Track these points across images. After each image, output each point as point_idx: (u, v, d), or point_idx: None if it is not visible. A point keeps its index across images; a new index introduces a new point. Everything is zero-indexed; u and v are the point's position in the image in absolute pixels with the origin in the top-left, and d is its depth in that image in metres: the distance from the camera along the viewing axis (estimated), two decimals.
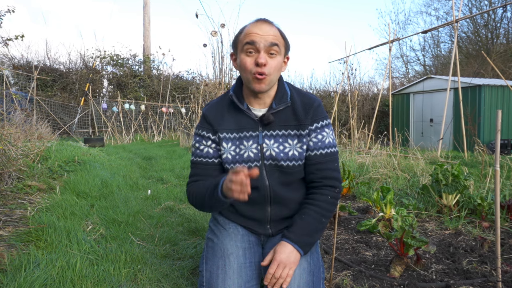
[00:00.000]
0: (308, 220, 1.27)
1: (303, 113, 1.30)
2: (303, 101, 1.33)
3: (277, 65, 1.24)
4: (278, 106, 1.30)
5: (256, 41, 1.20)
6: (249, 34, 1.21)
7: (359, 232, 2.32)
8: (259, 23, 1.23)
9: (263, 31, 1.21)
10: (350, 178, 3.26)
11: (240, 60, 1.25)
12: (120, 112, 11.02)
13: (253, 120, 1.31)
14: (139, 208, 2.76)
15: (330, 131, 1.34)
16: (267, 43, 1.20)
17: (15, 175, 3.00)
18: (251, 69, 1.22)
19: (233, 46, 1.31)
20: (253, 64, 1.22)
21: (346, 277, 1.64)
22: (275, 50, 1.22)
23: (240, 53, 1.25)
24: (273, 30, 1.23)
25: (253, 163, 1.31)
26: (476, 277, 1.64)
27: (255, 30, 1.21)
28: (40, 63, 11.84)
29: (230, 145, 1.32)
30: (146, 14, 14.41)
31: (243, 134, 1.32)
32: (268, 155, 1.30)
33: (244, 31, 1.24)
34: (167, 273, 1.70)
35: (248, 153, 1.31)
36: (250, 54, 1.22)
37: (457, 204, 2.64)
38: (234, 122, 1.33)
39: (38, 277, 1.53)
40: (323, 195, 1.30)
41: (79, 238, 1.99)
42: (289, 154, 1.30)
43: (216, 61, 7.30)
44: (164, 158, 5.85)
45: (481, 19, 15.43)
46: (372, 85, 14.40)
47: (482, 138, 8.70)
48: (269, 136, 1.31)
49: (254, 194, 1.32)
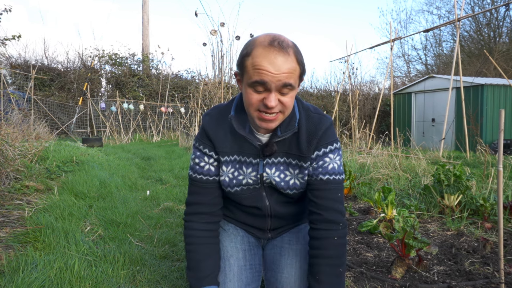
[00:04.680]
0: (324, 280, 1.12)
1: (306, 144, 1.17)
2: (309, 129, 1.18)
3: (290, 101, 1.07)
4: (284, 134, 1.16)
5: (266, 81, 1.01)
6: (259, 70, 1.01)
7: (360, 233, 2.30)
8: (272, 55, 1.00)
9: (276, 68, 1.00)
10: (351, 179, 3.24)
11: (245, 93, 1.08)
12: (119, 112, 11.00)
13: (254, 146, 1.19)
14: (138, 209, 2.74)
15: (337, 156, 1.19)
16: (280, 83, 1.01)
17: (12, 175, 2.98)
18: (258, 106, 1.06)
19: (238, 66, 1.10)
20: (260, 102, 1.05)
21: (347, 279, 1.63)
22: (289, 89, 1.04)
23: (246, 86, 1.06)
24: (288, 64, 1.02)
25: (252, 186, 1.24)
26: (479, 278, 1.63)
27: (265, 65, 1.00)
28: (38, 62, 11.80)
29: (229, 168, 1.23)
30: (145, 13, 14.39)
31: (243, 158, 1.22)
32: (268, 182, 1.24)
33: (252, 57, 1.03)
34: (166, 275, 1.68)
35: (246, 180, 1.23)
36: (258, 91, 1.04)
37: (459, 204, 2.63)
38: (235, 144, 1.21)
39: (36, 278, 1.51)
40: (328, 239, 1.15)
41: (77, 239, 1.97)
42: (290, 183, 1.22)
43: (215, 60, 7.29)
44: (163, 158, 5.83)
45: (484, 17, 15.40)
46: (373, 84, 14.42)
47: (484, 138, 8.68)
48: (270, 164, 1.21)
49: (254, 211, 1.30)
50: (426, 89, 10.38)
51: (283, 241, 1.35)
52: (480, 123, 8.63)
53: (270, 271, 1.30)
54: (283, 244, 1.34)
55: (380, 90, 12.60)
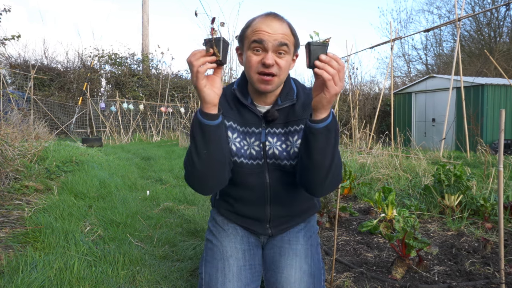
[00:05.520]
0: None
1: (302, 109, 1.25)
2: (305, 100, 1.27)
3: (285, 65, 1.16)
4: (284, 103, 1.24)
5: (264, 40, 1.11)
6: (257, 32, 1.12)
7: (360, 233, 2.30)
8: (269, 19, 1.14)
9: (272, 29, 1.12)
10: (351, 179, 3.24)
11: (246, 57, 1.17)
12: (119, 112, 10.99)
13: (257, 116, 1.26)
14: (137, 209, 2.74)
15: None
16: (276, 42, 1.12)
17: (12, 175, 2.98)
18: (257, 68, 1.15)
19: (239, 40, 1.22)
20: (259, 63, 1.14)
21: (347, 279, 1.63)
22: (284, 50, 1.14)
23: (246, 50, 1.17)
24: (283, 28, 1.14)
25: (255, 161, 1.27)
26: (479, 278, 1.63)
27: (263, 27, 1.12)
28: (38, 62, 11.81)
29: (235, 136, 1.26)
30: (145, 13, 14.38)
31: (247, 129, 1.27)
32: (271, 154, 1.26)
33: (251, 26, 1.15)
34: (166, 275, 1.68)
35: (250, 151, 1.27)
36: (257, 52, 1.14)
37: (459, 205, 2.62)
38: (239, 116, 1.27)
39: (36, 279, 1.51)
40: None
41: (77, 239, 1.97)
42: (290, 152, 1.25)
43: None
44: (163, 158, 5.82)
45: (484, 17, 15.38)
46: (373, 84, 14.44)
47: (485, 138, 8.67)
48: (272, 134, 1.26)
49: (254, 192, 1.30)
50: (427, 89, 10.37)
51: (283, 241, 1.35)
52: (481, 123, 8.62)
53: (269, 271, 1.29)
54: (283, 244, 1.33)
55: (381, 90, 12.60)
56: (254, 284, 1.28)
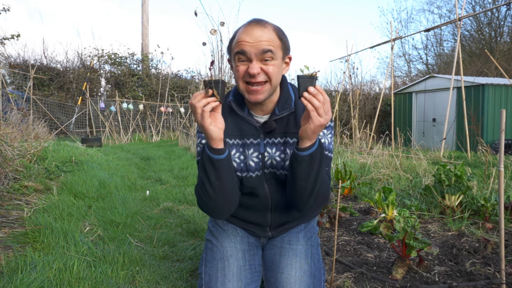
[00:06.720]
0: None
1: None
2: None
3: (274, 70, 1.14)
4: (282, 112, 1.22)
5: (246, 51, 1.11)
6: (239, 43, 1.12)
7: (360, 233, 2.30)
8: (250, 28, 1.13)
9: (253, 38, 1.11)
10: (351, 179, 3.23)
11: (233, 69, 1.17)
12: (118, 112, 10.98)
13: (254, 127, 1.24)
14: (137, 209, 2.73)
15: (328, 134, 1.25)
16: (258, 51, 1.10)
17: (11, 175, 2.98)
18: (244, 77, 1.14)
19: (227, 52, 1.24)
20: (245, 72, 1.13)
21: (347, 279, 1.62)
22: (270, 56, 1.12)
23: (233, 61, 1.17)
24: (266, 34, 1.12)
25: (254, 173, 1.26)
26: (480, 279, 1.62)
27: (244, 37, 1.12)
28: (37, 62, 11.79)
29: (234, 152, 1.26)
30: (145, 12, 14.38)
31: (245, 140, 1.26)
32: (269, 164, 1.26)
33: (236, 37, 1.15)
34: (166, 275, 1.67)
35: (249, 162, 1.26)
36: (242, 63, 1.13)
37: (460, 205, 2.62)
38: (236, 128, 1.25)
39: (35, 279, 1.51)
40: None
41: (76, 240, 1.96)
42: (287, 163, 1.24)
43: (215, 60, 7.27)
44: (162, 158, 5.82)
45: (485, 17, 15.37)
46: (374, 84, 14.40)
47: (485, 138, 8.66)
48: (271, 144, 1.24)
49: (254, 201, 1.30)
50: (427, 88, 10.37)
51: (283, 241, 1.35)
52: (481, 123, 8.62)
53: (269, 271, 1.29)
54: (283, 244, 1.33)
55: (381, 89, 12.59)
56: (254, 284, 1.27)
